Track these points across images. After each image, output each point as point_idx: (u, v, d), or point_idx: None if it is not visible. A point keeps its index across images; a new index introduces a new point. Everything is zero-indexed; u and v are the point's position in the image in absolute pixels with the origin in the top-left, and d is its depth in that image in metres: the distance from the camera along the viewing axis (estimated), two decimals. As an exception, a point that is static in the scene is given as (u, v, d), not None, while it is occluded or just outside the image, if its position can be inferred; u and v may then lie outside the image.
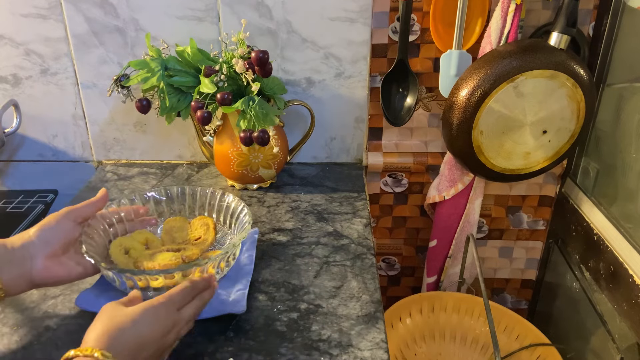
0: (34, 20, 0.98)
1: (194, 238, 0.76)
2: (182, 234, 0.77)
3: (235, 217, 0.77)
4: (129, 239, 0.73)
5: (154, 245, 0.74)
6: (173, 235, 0.77)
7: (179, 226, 0.78)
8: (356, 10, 0.96)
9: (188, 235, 0.77)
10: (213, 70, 0.87)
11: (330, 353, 0.61)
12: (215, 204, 0.80)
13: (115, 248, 0.70)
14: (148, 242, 0.74)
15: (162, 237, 0.77)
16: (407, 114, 1.03)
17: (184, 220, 0.79)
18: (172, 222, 0.79)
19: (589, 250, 0.98)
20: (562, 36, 0.85)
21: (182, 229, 0.78)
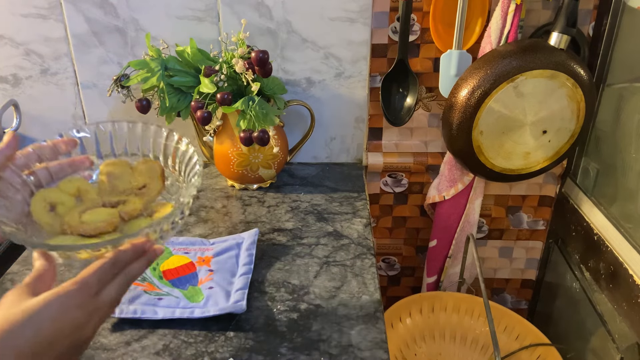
0: (34, 20, 0.98)
1: (137, 186, 0.61)
2: (124, 181, 0.61)
3: (184, 162, 0.62)
4: (55, 191, 0.57)
5: (88, 197, 0.58)
6: (113, 183, 0.61)
7: (120, 172, 0.62)
8: (356, 10, 0.96)
9: (131, 184, 0.61)
10: (213, 70, 0.87)
11: (330, 353, 0.61)
12: (161, 145, 0.64)
13: (38, 204, 0.55)
14: (80, 193, 0.59)
15: (99, 185, 0.61)
16: (407, 114, 1.03)
17: (126, 165, 0.62)
18: (110, 166, 0.62)
19: (589, 250, 0.98)
20: (562, 36, 0.85)
21: (123, 176, 0.62)
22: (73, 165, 0.58)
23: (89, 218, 0.54)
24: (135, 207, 0.56)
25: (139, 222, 0.55)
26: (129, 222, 0.55)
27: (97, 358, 0.61)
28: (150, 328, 0.65)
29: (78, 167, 0.59)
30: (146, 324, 0.66)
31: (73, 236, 0.52)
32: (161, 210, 0.57)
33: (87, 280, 0.46)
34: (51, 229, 0.53)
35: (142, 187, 0.61)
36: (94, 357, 0.61)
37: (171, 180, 0.63)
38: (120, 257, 0.48)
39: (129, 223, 0.55)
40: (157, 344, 0.63)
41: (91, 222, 0.53)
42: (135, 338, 0.64)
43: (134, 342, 0.63)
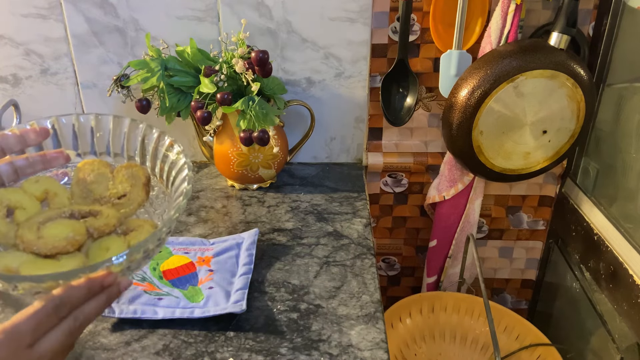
0: (34, 20, 0.98)
1: (116, 195, 0.52)
2: (101, 186, 0.51)
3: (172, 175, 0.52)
4: (17, 192, 0.47)
5: (56, 201, 0.49)
6: (88, 188, 0.51)
7: (98, 175, 0.52)
8: (356, 10, 0.96)
9: (109, 190, 0.52)
10: (213, 70, 0.87)
11: (330, 353, 0.61)
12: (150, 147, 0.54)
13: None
14: (48, 197, 0.49)
15: (72, 188, 0.51)
16: (407, 114, 1.03)
17: (106, 167, 0.52)
18: (88, 167, 0.52)
19: (589, 251, 0.98)
20: (562, 36, 0.85)
21: (101, 180, 0.52)
22: (44, 160, 0.48)
23: (49, 232, 0.44)
24: (108, 222, 0.47)
25: (108, 242, 0.46)
26: (98, 240, 0.46)
27: (97, 358, 0.61)
28: (150, 328, 0.65)
29: (50, 164, 0.48)
30: (146, 324, 0.66)
31: (25, 254, 0.42)
32: (138, 229, 0.47)
33: (18, 329, 0.36)
34: (4, 240, 0.44)
35: (122, 196, 0.51)
36: (94, 357, 0.61)
37: (157, 191, 0.53)
38: (68, 298, 0.37)
39: (97, 241, 0.45)
40: (157, 344, 0.63)
41: (50, 237, 0.43)
42: (135, 338, 0.64)
43: (134, 342, 0.63)
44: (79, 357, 0.61)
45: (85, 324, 0.39)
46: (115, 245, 0.45)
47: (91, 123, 0.52)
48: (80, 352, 0.62)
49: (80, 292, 0.38)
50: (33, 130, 0.47)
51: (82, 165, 0.51)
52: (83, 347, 0.62)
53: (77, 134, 0.52)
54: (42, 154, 0.48)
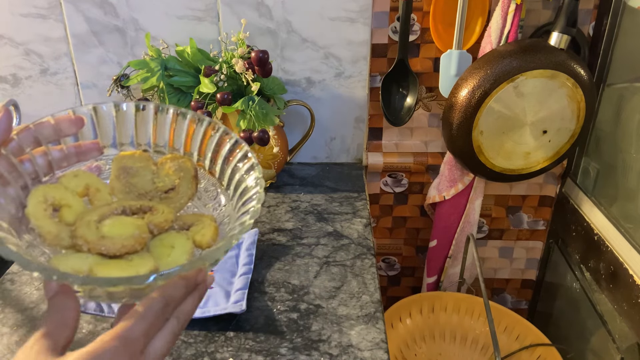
0: (33, 20, 0.98)
1: (163, 189, 0.47)
2: (145, 180, 0.47)
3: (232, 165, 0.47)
4: (58, 189, 0.42)
5: (98, 197, 0.44)
6: (130, 182, 0.46)
7: (140, 168, 0.47)
8: (356, 10, 0.96)
9: (154, 184, 0.47)
10: (213, 70, 0.87)
11: (330, 353, 0.61)
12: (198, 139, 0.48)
13: (38, 205, 0.40)
14: (90, 193, 0.44)
15: (112, 183, 0.46)
16: (407, 114, 1.03)
17: (147, 159, 0.47)
18: (127, 159, 0.47)
19: (589, 251, 0.98)
20: (562, 36, 0.85)
21: (144, 174, 0.47)
22: (79, 152, 0.43)
23: (112, 231, 0.40)
24: (167, 217, 0.43)
25: (170, 239, 0.42)
26: (157, 237, 0.42)
27: (96, 358, 0.61)
28: (150, 328, 0.65)
29: (84, 156, 0.44)
30: (146, 324, 0.66)
31: (90, 255, 0.38)
32: (198, 224, 0.44)
33: (131, 334, 0.33)
34: (55, 241, 0.39)
35: (170, 189, 0.47)
36: (93, 357, 0.61)
37: (205, 184, 0.49)
38: (171, 298, 0.35)
39: (156, 238, 0.42)
40: (157, 344, 0.63)
41: (116, 237, 0.39)
42: (135, 338, 0.64)
43: (134, 342, 0.63)
44: (78, 357, 0.61)
45: (185, 324, 0.38)
46: (178, 242, 0.42)
47: (131, 110, 0.47)
48: (80, 352, 0.62)
49: (180, 292, 0.36)
50: (68, 118, 0.42)
51: (121, 157, 0.46)
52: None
53: (115, 123, 0.46)
54: (77, 145, 0.43)
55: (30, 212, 0.38)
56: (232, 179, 0.46)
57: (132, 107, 0.46)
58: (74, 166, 0.44)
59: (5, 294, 0.72)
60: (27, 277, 0.75)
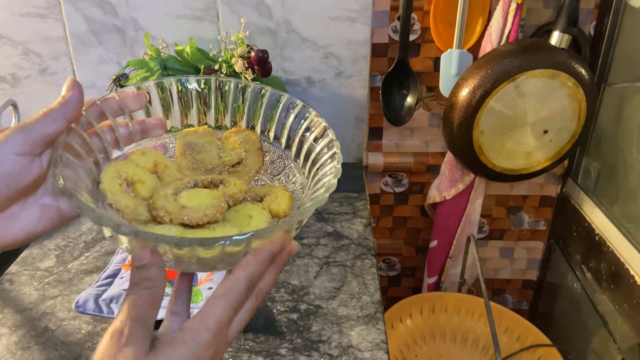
0: (32, 20, 0.98)
1: (230, 162, 0.47)
2: (211, 156, 0.46)
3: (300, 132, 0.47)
4: (130, 165, 0.42)
5: (167, 173, 0.44)
6: (196, 158, 0.46)
7: (205, 143, 0.47)
8: (356, 9, 0.96)
9: (221, 159, 0.47)
10: (212, 70, 0.87)
11: (330, 354, 0.61)
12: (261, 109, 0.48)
13: (113, 181, 0.40)
14: (158, 170, 0.44)
15: (178, 160, 0.46)
16: (407, 113, 1.03)
17: (212, 134, 0.47)
18: (191, 136, 0.47)
19: (590, 251, 0.98)
20: (563, 35, 0.85)
21: (209, 149, 0.47)
22: (143, 130, 0.43)
23: (191, 202, 0.40)
24: (241, 188, 0.42)
25: (246, 209, 0.41)
26: (232, 208, 0.41)
27: (95, 359, 0.61)
28: (149, 329, 0.65)
29: (148, 133, 0.44)
30: (145, 325, 0.66)
31: (173, 226, 0.38)
32: (272, 194, 0.43)
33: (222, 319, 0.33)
34: (133, 215, 0.38)
35: (237, 163, 0.46)
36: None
37: (271, 155, 0.48)
38: (255, 277, 0.35)
39: (232, 209, 0.41)
40: (156, 345, 0.63)
41: (196, 207, 0.39)
42: (134, 339, 0.64)
43: (133, 343, 0.63)
44: (78, 358, 0.61)
45: (262, 300, 0.37)
46: (255, 212, 0.41)
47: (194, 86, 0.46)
48: (80, 352, 0.61)
49: (264, 267, 0.35)
50: (132, 94, 0.42)
51: (185, 134, 0.46)
52: (82, 348, 0.62)
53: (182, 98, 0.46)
54: (141, 122, 0.43)
55: (106, 188, 0.38)
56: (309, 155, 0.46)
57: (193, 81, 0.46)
58: (139, 144, 0.44)
59: (4, 295, 0.72)
60: (26, 277, 0.75)
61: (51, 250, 0.81)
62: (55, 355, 0.61)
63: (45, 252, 0.80)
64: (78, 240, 0.83)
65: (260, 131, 0.48)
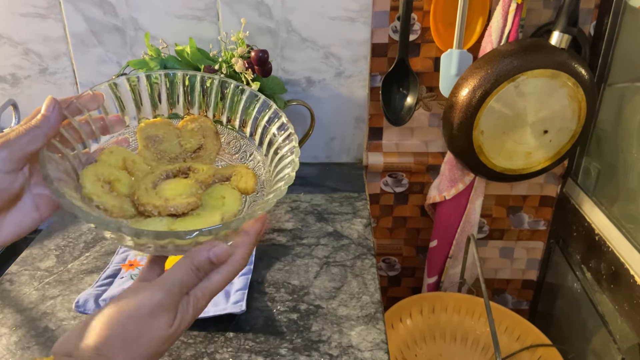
0: (32, 20, 0.98)
1: (191, 149, 0.49)
2: (172, 145, 0.49)
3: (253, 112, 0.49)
4: (104, 166, 0.44)
5: (137, 168, 0.46)
6: (159, 149, 0.48)
7: (164, 134, 0.49)
8: (356, 9, 0.96)
9: (182, 147, 0.49)
10: (212, 70, 0.87)
11: (330, 354, 0.61)
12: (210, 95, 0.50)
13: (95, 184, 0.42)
14: (127, 165, 0.46)
15: (142, 152, 0.48)
16: (407, 113, 1.03)
17: (169, 125, 0.49)
18: (150, 127, 0.48)
19: (590, 251, 0.98)
20: (563, 35, 0.85)
21: (169, 138, 0.49)
22: (104, 127, 0.45)
23: (172, 193, 0.43)
24: (209, 173, 0.45)
25: (217, 191, 0.45)
26: (205, 192, 0.45)
27: (95, 359, 0.61)
28: (149, 329, 0.65)
29: (108, 130, 0.46)
30: (145, 325, 0.66)
31: (163, 218, 0.41)
32: (236, 174, 0.46)
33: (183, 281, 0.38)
34: (121, 213, 0.41)
35: (197, 149, 0.49)
36: (92, 358, 0.61)
37: (227, 137, 0.50)
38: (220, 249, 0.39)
39: (205, 193, 0.45)
40: (156, 345, 0.63)
41: (178, 197, 0.42)
42: (134, 339, 0.64)
43: (133, 343, 0.63)
44: (77, 358, 0.61)
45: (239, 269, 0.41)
46: (227, 193, 0.45)
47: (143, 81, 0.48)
48: (79, 353, 0.61)
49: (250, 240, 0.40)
50: (90, 95, 0.44)
51: (144, 127, 0.48)
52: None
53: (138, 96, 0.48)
54: (100, 118, 0.45)
55: (91, 192, 0.41)
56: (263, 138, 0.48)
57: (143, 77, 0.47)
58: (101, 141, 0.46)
59: (4, 295, 0.72)
60: (26, 277, 0.75)
61: (51, 250, 0.81)
62: (56, 355, 0.61)
63: (45, 252, 0.80)
64: (78, 240, 0.83)
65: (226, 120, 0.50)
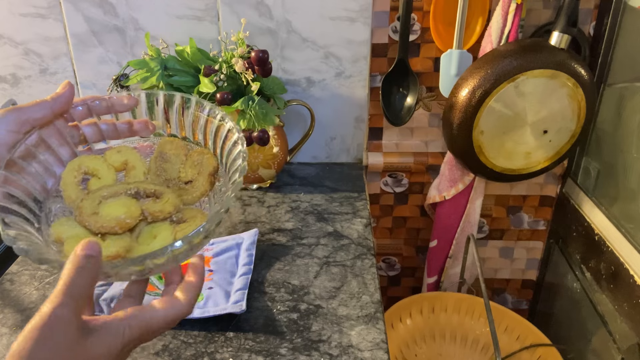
0: (33, 20, 0.98)
1: (184, 179, 0.49)
2: (173, 169, 0.50)
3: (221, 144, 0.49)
4: (96, 160, 0.47)
5: (132, 174, 0.48)
6: (162, 167, 0.50)
7: (172, 154, 0.50)
8: (356, 9, 0.96)
9: (179, 174, 0.50)
10: (213, 70, 0.87)
11: (330, 354, 0.61)
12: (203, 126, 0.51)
13: (69, 173, 0.46)
14: (127, 169, 0.48)
15: (151, 163, 0.50)
16: (407, 113, 1.03)
17: (181, 147, 0.51)
18: (168, 145, 0.50)
19: (589, 251, 0.98)
20: (563, 36, 0.85)
21: (174, 161, 0.50)
22: (131, 129, 0.48)
23: (106, 210, 0.44)
24: (164, 208, 0.45)
25: (159, 229, 0.45)
26: (151, 224, 0.45)
27: (96, 359, 0.61)
28: (150, 328, 0.65)
29: (135, 133, 0.49)
30: (145, 325, 0.66)
31: (79, 227, 0.43)
32: (190, 221, 0.45)
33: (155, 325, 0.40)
34: (72, 205, 0.44)
35: (189, 181, 0.49)
36: (93, 357, 0.61)
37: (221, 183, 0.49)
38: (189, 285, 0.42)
39: (149, 225, 0.45)
40: (157, 344, 0.63)
41: (103, 215, 0.43)
42: (134, 338, 0.64)
43: (133, 343, 0.63)
44: (78, 358, 0.61)
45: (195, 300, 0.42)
46: (163, 234, 0.44)
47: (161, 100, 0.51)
48: (79, 352, 0.61)
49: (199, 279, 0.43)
50: (125, 96, 0.48)
51: (164, 142, 0.50)
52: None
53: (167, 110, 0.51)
54: (128, 121, 0.48)
55: (63, 176, 0.45)
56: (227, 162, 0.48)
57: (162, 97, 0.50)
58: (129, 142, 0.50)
59: (5, 294, 0.72)
60: (27, 277, 0.75)
61: (51, 250, 0.81)
62: (56, 354, 0.61)
63: (46, 252, 0.80)
64: (78, 240, 0.83)
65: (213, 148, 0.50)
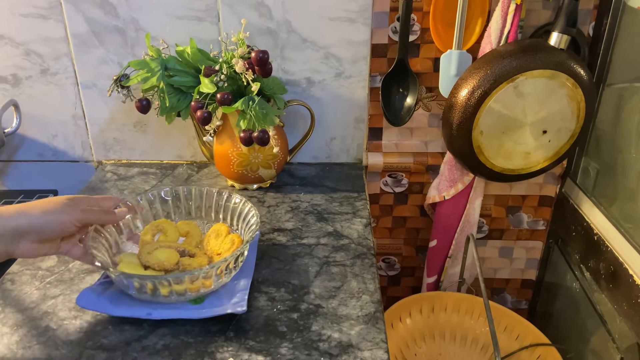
0: (34, 20, 0.98)
1: (217, 252, 0.74)
2: (217, 242, 0.76)
3: (242, 218, 0.78)
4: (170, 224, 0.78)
5: (188, 240, 0.77)
6: (209, 241, 0.77)
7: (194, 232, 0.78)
8: (356, 10, 0.96)
9: (208, 245, 0.76)
10: (213, 70, 0.87)
11: (330, 353, 0.61)
12: (222, 205, 0.80)
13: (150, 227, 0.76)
14: (188, 235, 0.78)
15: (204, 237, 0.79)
16: (407, 114, 1.03)
17: (227, 229, 0.77)
18: (217, 226, 0.78)
19: (589, 250, 0.98)
20: (562, 36, 0.85)
21: (195, 234, 0.78)
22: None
23: (156, 253, 0.69)
24: (192, 264, 0.70)
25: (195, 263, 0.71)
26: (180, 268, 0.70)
27: (97, 358, 0.61)
28: (150, 328, 0.65)
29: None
30: (146, 324, 0.66)
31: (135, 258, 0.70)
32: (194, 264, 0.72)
33: None
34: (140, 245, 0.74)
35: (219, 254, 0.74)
36: (94, 357, 0.61)
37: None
38: None
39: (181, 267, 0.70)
40: (157, 344, 0.63)
41: (152, 256, 0.69)
42: (135, 338, 0.64)
43: (134, 342, 0.63)
44: (78, 357, 0.61)
45: None
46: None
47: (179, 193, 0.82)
48: (81, 351, 0.62)
49: None
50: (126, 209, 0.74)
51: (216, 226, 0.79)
52: (83, 347, 0.62)
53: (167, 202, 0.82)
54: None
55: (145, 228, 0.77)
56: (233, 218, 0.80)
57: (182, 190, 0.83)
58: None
59: (6, 294, 0.72)
60: (28, 277, 0.75)
61: (52, 250, 0.81)
62: (57, 354, 0.61)
63: (47, 252, 0.81)
64: (79, 240, 0.84)
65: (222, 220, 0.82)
